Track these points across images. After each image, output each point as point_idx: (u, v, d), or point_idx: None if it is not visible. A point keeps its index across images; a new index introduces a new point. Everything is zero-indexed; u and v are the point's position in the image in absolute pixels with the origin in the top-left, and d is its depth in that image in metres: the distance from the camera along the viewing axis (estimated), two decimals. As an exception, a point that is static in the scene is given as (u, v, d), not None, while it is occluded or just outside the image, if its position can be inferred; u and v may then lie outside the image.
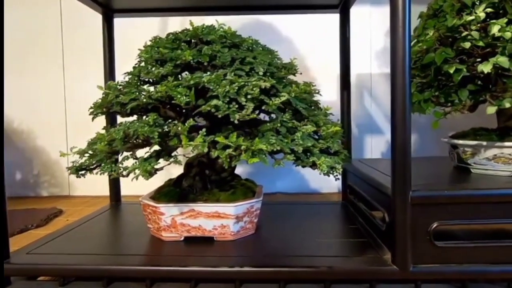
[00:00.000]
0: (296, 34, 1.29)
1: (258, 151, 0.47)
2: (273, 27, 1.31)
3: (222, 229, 0.61)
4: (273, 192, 1.32)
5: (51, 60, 1.28)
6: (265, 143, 0.48)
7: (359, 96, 1.31)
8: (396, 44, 0.49)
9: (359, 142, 1.31)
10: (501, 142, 0.58)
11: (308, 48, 1.29)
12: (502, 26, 0.48)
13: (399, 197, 0.50)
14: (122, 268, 0.53)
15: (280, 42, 1.29)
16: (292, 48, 1.31)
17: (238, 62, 0.53)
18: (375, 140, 1.33)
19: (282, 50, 1.29)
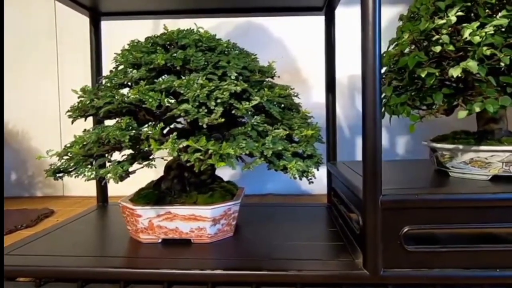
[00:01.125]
0: (287, 35, 1.30)
1: (227, 155, 0.47)
2: (265, 29, 1.31)
3: (199, 231, 0.62)
4: (264, 194, 1.32)
5: (45, 62, 1.30)
6: (235, 147, 0.48)
7: (351, 97, 1.31)
8: (366, 47, 0.49)
9: (351, 144, 1.31)
10: (477, 146, 0.58)
11: (300, 49, 1.29)
12: (473, 30, 0.48)
13: (369, 201, 0.50)
14: (97, 270, 0.53)
15: (271, 44, 1.30)
16: (284, 50, 1.32)
17: (211, 66, 0.53)
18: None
19: (273, 51, 1.31)
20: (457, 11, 0.50)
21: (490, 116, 0.62)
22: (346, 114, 1.33)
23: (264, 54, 1.29)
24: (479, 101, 0.49)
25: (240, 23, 1.33)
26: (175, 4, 0.88)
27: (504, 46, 0.48)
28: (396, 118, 0.66)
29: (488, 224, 0.50)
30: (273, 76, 0.66)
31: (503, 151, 0.56)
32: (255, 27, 1.31)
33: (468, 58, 0.48)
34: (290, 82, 1.40)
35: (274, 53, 1.31)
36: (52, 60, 1.30)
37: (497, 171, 0.58)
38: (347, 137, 1.31)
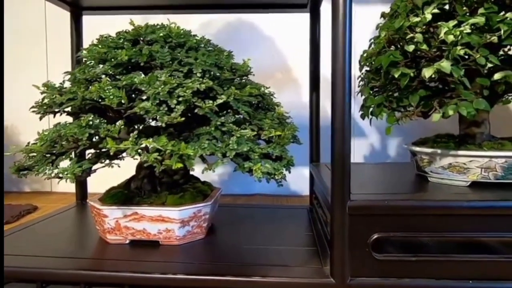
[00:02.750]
0: (279, 33, 1.28)
1: (188, 156, 0.45)
2: (256, 27, 1.29)
3: (167, 233, 0.60)
4: (252, 194, 1.30)
5: (34, 57, 1.29)
6: (197, 147, 0.47)
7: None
8: (336, 47, 0.47)
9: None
10: (455, 151, 0.55)
11: (292, 48, 1.27)
12: (448, 29, 0.45)
13: (337, 206, 0.48)
14: (56, 271, 0.52)
15: (262, 42, 1.28)
16: (275, 48, 1.30)
17: (177, 63, 0.51)
18: (358, 143, 1.31)
19: (265, 50, 1.29)
20: (433, 8, 0.48)
21: (472, 119, 0.60)
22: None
23: (255, 52, 1.28)
24: (453, 104, 0.47)
25: (231, 20, 1.31)
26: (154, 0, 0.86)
27: (481, 46, 0.45)
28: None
29: (461, 233, 0.48)
30: (247, 74, 0.64)
31: (482, 157, 0.54)
32: (246, 24, 1.29)
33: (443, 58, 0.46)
34: (282, 81, 1.38)
35: (265, 52, 1.29)
36: (42, 55, 1.29)
37: (476, 177, 0.55)
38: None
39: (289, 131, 0.62)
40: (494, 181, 0.54)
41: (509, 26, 0.43)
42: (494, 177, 0.54)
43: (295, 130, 0.64)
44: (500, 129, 0.77)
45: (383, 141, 1.30)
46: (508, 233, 0.48)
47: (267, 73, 1.32)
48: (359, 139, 1.31)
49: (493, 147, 0.55)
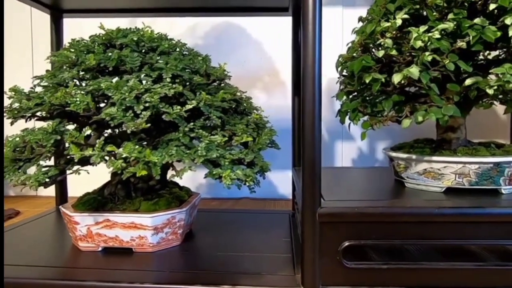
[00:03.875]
0: (267, 36, 1.27)
1: (154, 164, 0.44)
2: (243, 29, 1.29)
3: (140, 240, 0.59)
4: (240, 197, 1.30)
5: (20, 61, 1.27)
6: (164, 154, 0.46)
7: (330, 101, 1.28)
8: (306, 50, 0.47)
9: (329, 149, 1.28)
10: (429, 157, 0.55)
11: (280, 51, 1.27)
12: (418, 34, 0.45)
13: (307, 213, 0.47)
14: (20, 281, 0.51)
15: (249, 45, 1.28)
16: (263, 51, 1.29)
17: (146, 67, 0.51)
18: (346, 146, 1.30)
19: (252, 52, 1.28)
20: (404, 13, 0.47)
21: (447, 124, 0.59)
22: (325, 118, 1.30)
23: (243, 55, 1.28)
24: (423, 110, 0.46)
25: (218, 23, 1.30)
26: (136, 3, 0.85)
27: (450, 51, 0.45)
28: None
29: (432, 241, 0.47)
30: (223, 79, 0.63)
31: (456, 163, 0.53)
32: (234, 27, 1.29)
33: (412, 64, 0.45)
34: (270, 84, 1.37)
35: (253, 54, 1.28)
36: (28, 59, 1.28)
37: (450, 183, 0.55)
38: (326, 142, 1.28)
39: (266, 136, 0.62)
40: (468, 187, 0.54)
41: (478, 32, 0.43)
42: (468, 183, 0.54)
43: (272, 134, 0.64)
44: (491, 131, 0.77)
45: (371, 145, 1.30)
46: (479, 240, 0.47)
47: (255, 76, 1.32)
48: (347, 143, 1.31)
49: (467, 152, 0.55)
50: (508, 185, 0.54)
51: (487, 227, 0.47)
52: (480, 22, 0.43)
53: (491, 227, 0.47)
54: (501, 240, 0.47)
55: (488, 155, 0.53)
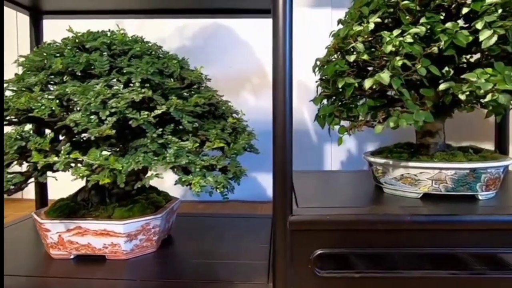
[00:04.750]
0: (256, 38, 1.26)
1: (119, 171, 0.43)
2: (231, 31, 1.28)
3: (113, 247, 0.58)
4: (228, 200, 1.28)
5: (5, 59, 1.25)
6: (131, 160, 0.45)
7: (319, 102, 1.27)
8: (277, 53, 0.46)
9: (318, 152, 1.27)
10: (406, 162, 0.54)
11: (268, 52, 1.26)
12: (390, 39, 0.44)
13: (278, 221, 0.46)
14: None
15: (238, 46, 1.27)
16: (252, 53, 1.28)
17: (115, 72, 0.49)
18: (335, 149, 1.29)
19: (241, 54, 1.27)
20: (377, 17, 0.46)
21: (426, 129, 0.58)
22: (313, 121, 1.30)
23: (232, 56, 1.27)
24: (395, 116, 0.45)
25: (207, 25, 1.29)
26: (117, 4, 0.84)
27: (423, 56, 0.44)
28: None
29: (405, 249, 0.46)
30: (199, 82, 0.62)
31: (432, 168, 0.52)
32: (222, 29, 1.28)
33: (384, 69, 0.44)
34: (258, 86, 1.36)
35: (242, 56, 1.27)
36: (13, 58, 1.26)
37: (427, 189, 0.54)
38: (315, 144, 1.27)
39: (243, 140, 0.61)
40: (445, 193, 0.53)
41: (449, 37, 0.42)
42: (445, 189, 0.53)
43: (250, 139, 0.63)
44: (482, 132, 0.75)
45: (361, 147, 1.29)
46: (453, 248, 0.46)
47: (244, 77, 1.31)
48: (337, 145, 1.30)
49: (444, 158, 0.54)
50: (485, 191, 0.53)
51: (460, 234, 0.46)
52: (451, 27, 0.42)
53: (464, 235, 0.46)
54: (474, 247, 0.46)
55: (465, 161, 0.52)
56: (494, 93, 0.40)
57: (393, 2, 0.46)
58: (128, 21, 1.26)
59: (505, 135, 0.89)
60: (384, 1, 0.48)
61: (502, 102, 0.39)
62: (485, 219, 0.46)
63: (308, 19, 1.22)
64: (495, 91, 0.40)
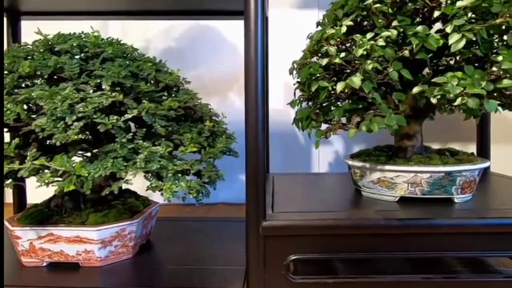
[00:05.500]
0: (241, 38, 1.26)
1: (86, 178, 0.42)
2: (218, 31, 1.27)
3: (86, 254, 0.56)
4: (214, 203, 1.27)
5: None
6: (99, 166, 0.43)
7: (305, 104, 1.27)
8: (249, 56, 0.45)
9: (306, 153, 1.27)
10: (382, 165, 0.53)
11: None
12: (362, 42, 0.44)
13: (251, 226, 0.46)
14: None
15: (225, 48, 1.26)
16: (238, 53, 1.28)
17: (85, 75, 0.48)
18: (323, 150, 1.29)
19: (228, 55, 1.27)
20: (350, 20, 0.46)
21: (404, 132, 0.58)
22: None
23: (219, 57, 1.26)
24: (368, 120, 0.45)
25: (193, 25, 1.28)
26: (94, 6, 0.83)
27: (395, 59, 0.44)
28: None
29: (379, 253, 0.46)
30: (176, 85, 0.61)
31: (407, 172, 0.52)
32: (209, 30, 1.27)
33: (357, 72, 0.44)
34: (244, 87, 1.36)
35: (228, 57, 1.27)
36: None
37: (403, 192, 0.54)
38: (303, 146, 1.27)
39: (221, 144, 0.60)
40: (421, 196, 0.53)
41: (420, 40, 0.42)
42: (420, 192, 0.53)
43: (229, 142, 0.62)
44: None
45: (348, 148, 1.29)
46: (426, 252, 0.46)
47: (230, 78, 1.30)
48: (324, 146, 1.30)
49: (420, 161, 0.54)
50: (461, 194, 0.53)
51: (434, 238, 0.46)
52: (421, 30, 0.42)
53: (438, 239, 0.46)
54: (448, 251, 0.46)
55: (440, 164, 0.52)
56: (463, 97, 0.39)
57: (366, 5, 0.46)
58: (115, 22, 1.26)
59: (486, 136, 0.90)
60: (358, 4, 0.48)
61: (471, 106, 0.39)
62: (456, 223, 0.46)
63: (295, 20, 1.22)
64: (465, 95, 0.39)
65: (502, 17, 0.39)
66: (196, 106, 0.63)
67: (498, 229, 0.46)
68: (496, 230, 0.46)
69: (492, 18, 0.40)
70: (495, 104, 0.40)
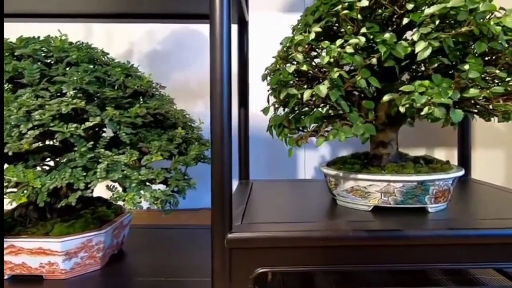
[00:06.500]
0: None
1: (40, 189, 0.40)
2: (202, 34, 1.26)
3: (50, 266, 0.54)
4: (198, 208, 1.25)
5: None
6: (56, 176, 0.42)
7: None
8: (214, 62, 0.44)
9: (291, 159, 1.26)
10: (355, 174, 0.52)
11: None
12: (330, 49, 0.43)
13: (215, 239, 0.44)
14: None
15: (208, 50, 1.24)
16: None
17: (45, 81, 0.46)
18: (309, 155, 1.28)
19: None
20: (319, 26, 0.45)
21: (379, 139, 0.57)
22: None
23: (202, 60, 1.25)
24: (336, 128, 0.44)
25: (176, 28, 1.27)
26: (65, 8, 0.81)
27: (363, 67, 0.43)
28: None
29: (348, 266, 0.45)
30: (147, 91, 0.59)
31: (380, 181, 0.51)
32: (192, 33, 1.25)
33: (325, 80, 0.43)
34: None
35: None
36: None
37: (376, 202, 0.53)
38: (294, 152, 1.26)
39: (194, 151, 0.58)
40: (395, 206, 0.52)
41: (388, 48, 0.41)
42: (394, 201, 0.52)
43: (202, 150, 0.61)
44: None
45: (334, 153, 1.28)
46: (397, 264, 0.45)
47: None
48: (310, 151, 1.29)
49: (394, 169, 0.53)
50: (434, 204, 0.52)
51: (403, 250, 0.45)
52: (388, 37, 0.41)
53: (409, 250, 0.45)
54: (420, 263, 0.45)
55: (413, 173, 0.51)
56: (430, 106, 0.39)
57: (335, 11, 0.45)
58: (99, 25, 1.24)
59: (467, 142, 0.89)
60: (329, 10, 0.47)
61: (438, 116, 0.38)
62: (426, 234, 0.45)
63: (281, 23, 1.21)
64: (432, 104, 0.38)
65: (468, 26, 0.38)
66: (168, 112, 0.61)
67: (469, 240, 0.45)
68: (467, 242, 0.45)
69: (459, 26, 0.40)
70: (461, 114, 0.39)
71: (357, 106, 0.51)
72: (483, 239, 0.45)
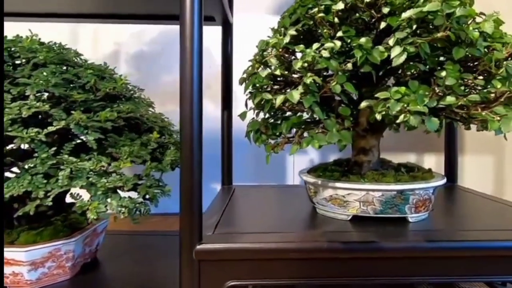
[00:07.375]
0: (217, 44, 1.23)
1: None
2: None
3: (14, 277, 0.52)
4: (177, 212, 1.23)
5: None
6: (15, 184, 0.39)
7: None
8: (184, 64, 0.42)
9: (280, 163, 1.24)
10: (333, 182, 0.51)
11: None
12: (305, 53, 0.41)
13: (183, 250, 0.42)
14: None
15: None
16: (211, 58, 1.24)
17: (8, 83, 0.44)
18: (298, 160, 1.27)
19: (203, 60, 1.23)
20: (295, 30, 0.43)
21: (360, 146, 0.56)
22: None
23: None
24: (310, 135, 0.42)
25: (165, 30, 1.25)
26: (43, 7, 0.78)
27: (340, 71, 0.41)
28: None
29: (321, 279, 0.43)
30: (121, 94, 0.57)
31: (359, 190, 0.49)
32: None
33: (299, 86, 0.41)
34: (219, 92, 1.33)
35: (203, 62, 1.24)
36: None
37: (355, 211, 0.51)
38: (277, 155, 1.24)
39: (169, 157, 0.56)
40: (374, 216, 0.50)
41: (364, 53, 0.40)
42: (373, 211, 0.50)
43: (178, 155, 0.58)
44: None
45: (323, 157, 1.27)
46: (373, 277, 0.43)
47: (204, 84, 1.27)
48: (299, 156, 1.27)
49: (374, 178, 0.51)
50: (415, 213, 0.51)
51: (381, 262, 0.43)
52: (364, 42, 0.40)
53: (385, 263, 0.43)
54: (397, 276, 0.43)
55: (392, 182, 0.49)
56: (406, 114, 0.37)
57: (312, 14, 0.43)
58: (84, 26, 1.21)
59: (454, 149, 0.88)
60: (306, 13, 0.45)
61: (413, 124, 0.37)
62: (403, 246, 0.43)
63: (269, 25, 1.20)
64: (407, 112, 0.37)
65: (444, 31, 0.37)
66: (143, 116, 0.59)
67: (448, 253, 0.43)
68: (445, 254, 0.43)
69: (437, 31, 0.38)
70: (436, 123, 0.37)
71: (336, 113, 0.50)
72: (464, 252, 0.44)
